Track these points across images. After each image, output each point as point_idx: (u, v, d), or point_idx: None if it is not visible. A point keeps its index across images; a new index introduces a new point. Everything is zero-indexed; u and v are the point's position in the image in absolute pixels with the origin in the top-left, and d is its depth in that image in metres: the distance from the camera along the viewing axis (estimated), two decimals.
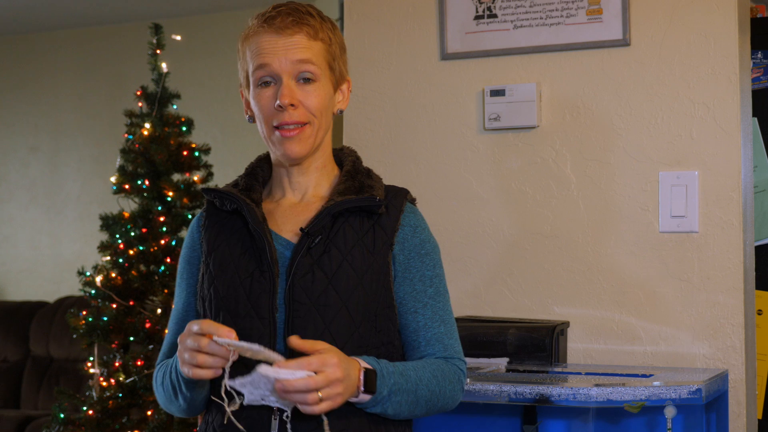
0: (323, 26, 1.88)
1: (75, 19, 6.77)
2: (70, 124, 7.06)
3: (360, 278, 1.83)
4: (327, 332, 1.80)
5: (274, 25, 1.85)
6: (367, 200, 1.86)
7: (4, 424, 6.02)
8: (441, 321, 1.90)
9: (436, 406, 1.87)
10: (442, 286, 1.92)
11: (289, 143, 1.86)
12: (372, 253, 1.85)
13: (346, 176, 1.92)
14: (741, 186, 2.70)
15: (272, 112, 1.86)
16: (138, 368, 4.35)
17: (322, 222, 1.84)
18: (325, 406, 1.70)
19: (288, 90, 1.84)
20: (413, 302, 1.89)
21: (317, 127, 1.88)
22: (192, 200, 4.53)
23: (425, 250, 1.91)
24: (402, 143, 3.01)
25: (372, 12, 3.06)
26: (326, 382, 1.68)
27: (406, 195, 1.94)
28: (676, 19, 2.75)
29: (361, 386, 1.75)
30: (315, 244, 1.83)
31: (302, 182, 1.93)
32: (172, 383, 1.87)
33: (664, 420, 2.44)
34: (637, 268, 2.79)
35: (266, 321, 1.81)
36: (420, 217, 1.93)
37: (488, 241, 2.92)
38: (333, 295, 1.81)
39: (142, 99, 4.58)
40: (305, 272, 1.81)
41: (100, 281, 4.37)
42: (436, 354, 1.89)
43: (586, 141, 2.84)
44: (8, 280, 7.22)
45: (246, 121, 2.01)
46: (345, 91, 1.96)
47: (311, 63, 1.85)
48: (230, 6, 6.48)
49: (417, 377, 1.82)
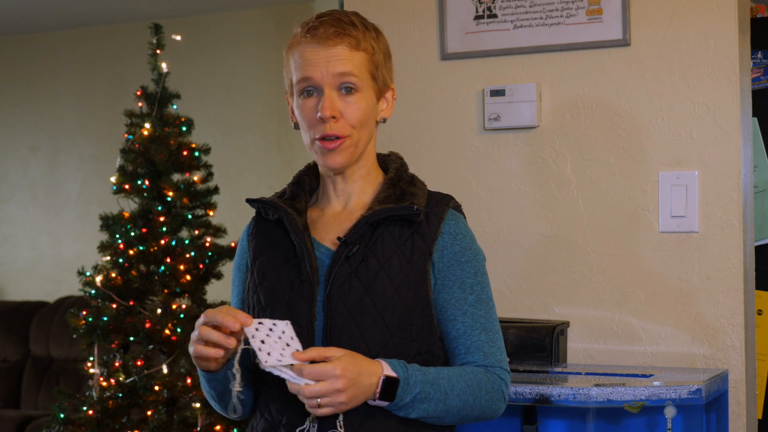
0: (366, 36, 1.89)
1: (75, 19, 6.77)
2: (70, 124, 7.05)
3: (396, 287, 1.84)
4: (362, 341, 1.82)
5: (317, 36, 1.85)
6: (404, 209, 1.87)
7: (4, 424, 6.02)
8: (482, 329, 1.90)
9: (470, 416, 1.87)
10: (484, 294, 1.91)
11: (330, 155, 1.88)
12: (410, 261, 1.86)
13: (388, 184, 1.93)
14: (741, 186, 2.70)
15: (314, 123, 1.87)
16: (138, 368, 4.35)
17: (361, 231, 1.85)
18: (326, 412, 1.73)
19: (329, 102, 1.85)
20: (453, 310, 1.89)
21: (357, 138, 1.89)
22: (192, 200, 4.53)
23: (465, 258, 1.90)
24: (402, 143, 3.01)
25: (372, 12, 3.05)
26: (322, 392, 1.71)
27: (449, 202, 1.94)
28: (676, 19, 2.75)
29: (377, 393, 1.77)
30: (353, 253, 1.85)
31: (346, 190, 1.94)
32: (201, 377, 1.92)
33: (664, 420, 2.44)
34: (637, 268, 2.79)
35: (305, 329, 1.83)
36: (462, 224, 1.93)
37: (488, 241, 2.92)
38: (369, 304, 1.83)
39: (142, 99, 4.58)
40: (343, 281, 1.83)
41: (100, 281, 4.36)
42: (476, 362, 1.89)
43: (586, 141, 2.85)
44: (8, 280, 7.22)
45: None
46: (389, 99, 1.97)
47: (352, 75, 1.86)
48: (230, 6, 6.48)
49: (449, 386, 1.82)
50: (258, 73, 6.47)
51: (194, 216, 4.54)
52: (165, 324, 4.31)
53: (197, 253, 4.46)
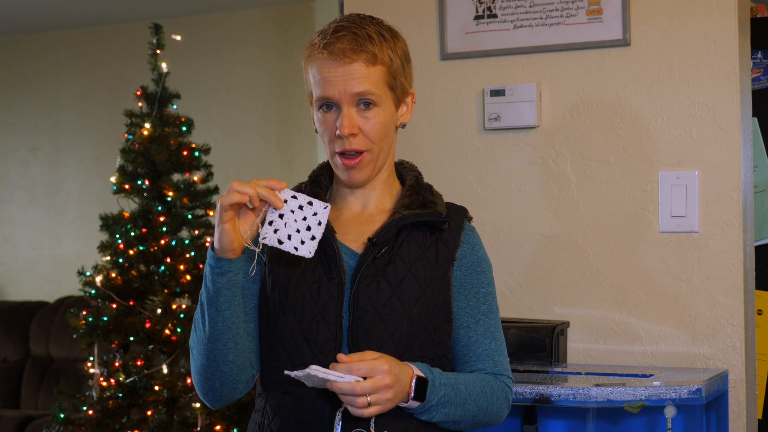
0: (383, 47, 1.88)
1: (75, 19, 6.77)
2: (70, 124, 7.05)
3: (423, 290, 1.87)
4: (390, 341, 1.84)
5: (334, 53, 1.85)
6: (433, 215, 1.90)
7: (4, 424, 6.02)
8: (492, 338, 1.94)
9: (482, 421, 1.91)
10: (494, 304, 1.97)
11: (351, 172, 1.89)
12: (434, 267, 1.89)
13: (410, 191, 1.95)
14: (741, 186, 2.70)
15: (334, 137, 1.88)
16: (138, 368, 4.35)
17: (389, 233, 1.87)
18: (374, 411, 1.73)
19: (348, 120, 1.86)
20: (466, 318, 1.93)
21: (377, 152, 1.90)
22: (192, 200, 4.53)
23: (481, 268, 1.95)
24: (402, 143, 3.01)
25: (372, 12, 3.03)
26: (374, 388, 1.71)
27: (466, 213, 1.98)
28: (676, 19, 2.75)
29: (411, 393, 1.78)
30: (380, 254, 1.86)
31: (366, 194, 1.96)
32: (201, 307, 1.83)
33: (664, 420, 2.44)
34: (636, 268, 2.79)
35: (332, 327, 1.84)
36: (478, 237, 1.98)
37: (488, 241, 2.92)
38: (397, 304, 1.85)
39: (142, 99, 4.58)
40: (370, 281, 1.85)
41: (100, 281, 4.36)
42: (486, 369, 1.93)
43: (586, 141, 2.84)
44: (8, 280, 7.22)
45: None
46: (409, 104, 1.98)
47: (370, 93, 1.86)
48: (230, 6, 6.48)
49: (467, 392, 1.86)
50: (258, 73, 6.46)
51: (194, 216, 4.54)
52: (165, 324, 4.31)
53: (197, 253, 4.46)
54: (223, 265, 1.77)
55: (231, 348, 1.82)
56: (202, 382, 1.88)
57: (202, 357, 1.84)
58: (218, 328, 1.80)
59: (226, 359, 1.82)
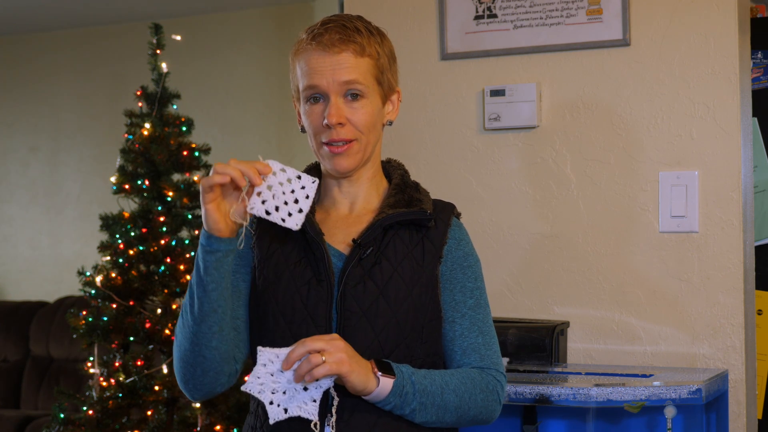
0: (371, 41, 1.90)
1: (75, 19, 6.77)
2: (70, 124, 7.05)
3: (409, 290, 1.87)
4: (376, 341, 1.84)
5: (322, 44, 1.87)
6: (418, 213, 1.91)
7: (4, 424, 6.02)
8: (479, 332, 1.93)
9: (468, 414, 1.88)
10: (482, 299, 1.95)
11: (338, 159, 1.90)
12: (421, 265, 1.89)
13: (396, 189, 1.96)
14: (741, 186, 2.70)
15: (321, 129, 1.90)
16: (138, 368, 4.35)
17: (374, 234, 1.88)
18: (331, 368, 1.73)
19: (335, 109, 1.87)
20: (452, 312, 1.92)
21: (365, 142, 1.91)
22: (192, 200, 4.53)
23: (468, 263, 1.95)
24: (402, 143, 3.01)
25: (372, 12, 3.06)
26: (326, 345, 1.73)
27: (453, 210, 1.98)
28: (676, 19, 2.75)
29: (374, 368, 1.78)
30: (366, 255, 1.87)
31: (352, 192, 1.96)
32: (190, 289, 1.83)
33: (664, 420, 2.44)
34: (636, 268, 2.79)
35: (322, 328, 1.85)
36: (465, 232, 1.98)
37: (488, 241, 2.92)
38: (383, 305, 1.85)
39: (142, 99, 4.58)
40: (356, 282, 1.86)
41: (100, 281, 4.36)
42: (473, 364, 1.92)
43: (586, 141, 2.85)
44: (8, 280, 7.22)
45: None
46: (395, 102, 1.99)
47: (358, 82, 1.88)
48: (230, 6, 6.48)
49: (443, 381, 1.85)
50: (258, 73, 6.47)
51: (194, 216, 4.54)
52: (165, 324, 4.31)
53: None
54: (213, 243, 1.79)
55: (216, 332, 1.82)
56: (184, 370, 1.87)
57: (187, 341, 1.84)
58: (204, 309, 1.80)
59: (210, 344, 1.82)
